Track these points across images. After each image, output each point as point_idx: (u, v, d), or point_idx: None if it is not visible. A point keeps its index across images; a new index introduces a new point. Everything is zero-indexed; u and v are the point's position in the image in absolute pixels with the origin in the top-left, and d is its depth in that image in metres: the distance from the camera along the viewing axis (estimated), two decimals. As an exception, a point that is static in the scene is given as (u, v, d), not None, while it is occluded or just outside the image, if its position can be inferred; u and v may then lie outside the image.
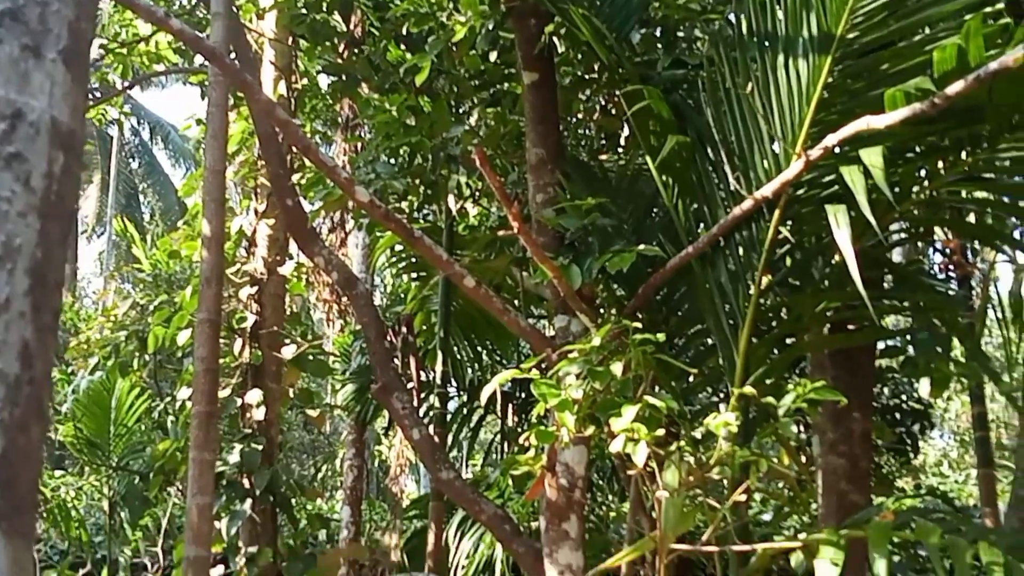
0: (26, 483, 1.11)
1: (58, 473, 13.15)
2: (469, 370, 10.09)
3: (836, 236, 4.49)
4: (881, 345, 6.49)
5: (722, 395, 6.60)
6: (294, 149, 7.72)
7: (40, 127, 1.14)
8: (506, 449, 9.78)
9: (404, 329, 9.11)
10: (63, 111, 1.19)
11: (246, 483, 8.32)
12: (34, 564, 10.70)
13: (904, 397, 9.29)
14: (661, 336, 4.77)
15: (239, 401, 8.53)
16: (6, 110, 1.16)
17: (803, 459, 6.41)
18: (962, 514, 11.44)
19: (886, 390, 9.15)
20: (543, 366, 5.41)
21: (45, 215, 1.13)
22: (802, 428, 7.60)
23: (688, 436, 4.95)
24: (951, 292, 7.19)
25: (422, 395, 9.27)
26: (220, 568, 8.30)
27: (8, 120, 1.14)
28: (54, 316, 1.08)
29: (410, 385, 8.71)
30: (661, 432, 4.53)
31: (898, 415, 9.28)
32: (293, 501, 8.96)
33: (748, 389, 4.67)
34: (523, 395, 9.90)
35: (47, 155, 1.14)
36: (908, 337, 6.43)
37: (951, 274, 7.65)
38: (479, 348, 9.98)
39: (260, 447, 8.37)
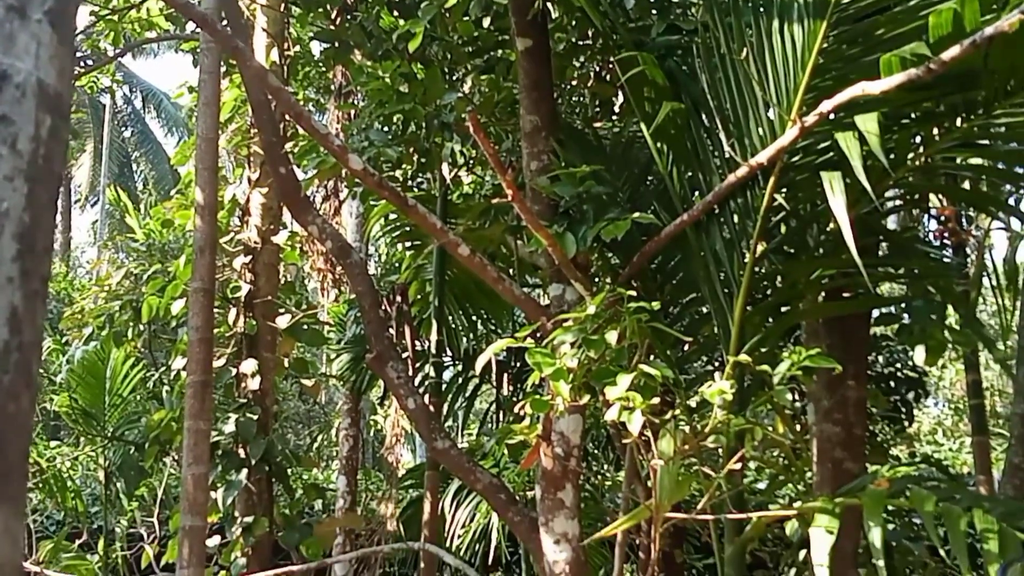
0: (16, 450, 1.10)
1: (53, 444, 13.12)
2: (464, 339, 10.06)
3: (831, 203, 4.47)
4: (876, 313, 6.47)
5: (717, 363, 6.60)
6: (287, 117, 7.66)
7: (26, 89, 1.12)
8: (501, 418, 9.77)
9: (399, 298, 9.08)
10: (50, 73, 1.17)
11: (241, 453, 8.30)
12: (29, 532, 10.70)
13: (899, 365, 9.27)
14: (656, 304, 4.74)
15: (234, 371, 8.50)
16: (-10, 71, 1.11)
17: (798, 427, 6.43)
18: (957, 482, 11.47)
19: (881, 358, 9.14)
20: (538, 335, 5.40)
21: (32, 179, 1.10)
22: (797, 396, 7.60)
23: (683, 404, 4.94)
24: (946, 259, 7.16)
25: (417, 365, 9.24)
26: (216, 537, 8.30)
27: (-6, 81, 1.10)
28: (43, 282, 1.06)
29: (405, 355, 8.70)
30: (656, 401, 4.51)
31: (893, 383, 9.26)
32: (289, 471, 8.96)
33: (743, 357, 4.66)
34: (518, 364, 9.88)
35: (34, 118, 1.12)
36: (903, 305, 6.43)
37: (946, 241, 7.60)
38: (474, 317, 9.94)
39: (255, 417, 8.35)
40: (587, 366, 4.74)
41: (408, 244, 9.47)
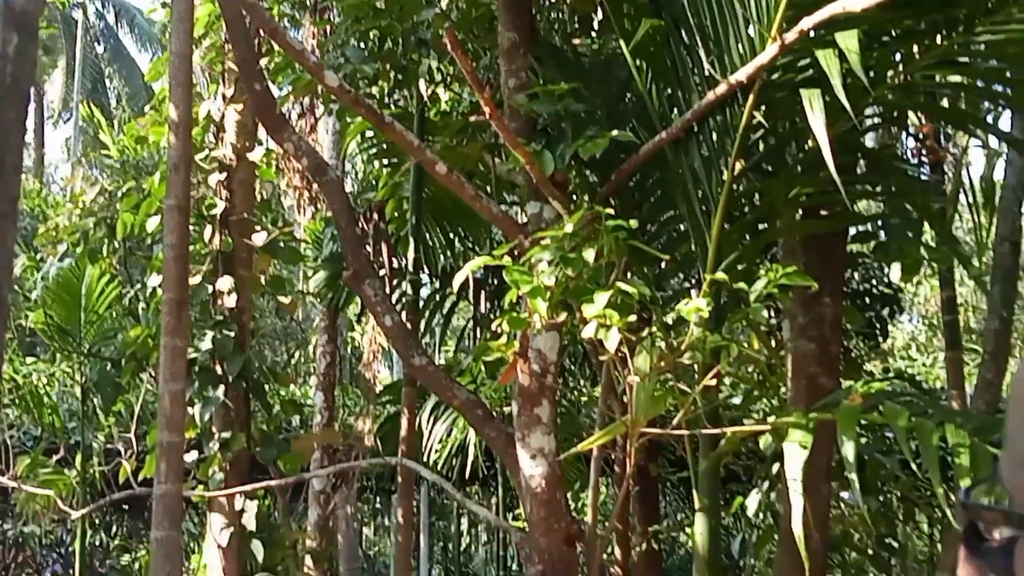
0: None
1: (29, 360, 13.08)
2: (441, 256, 10.01)
3: (810, 121, 4.46)
4: (853, 230, 6.49)
5: (694, 280, 6.59)
6: (262, 32, 7.55)
7: None
8: (478, 335, 9.77)
9: (375, 216, 8.99)
10: None
11: (219, 370, 8.30)
12: (5, 448, 10.73)
13: (874, 281, 9.32)
14: (634, 222, 4.73)
15: (210, 288, 8.46)
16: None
17: (773, 344, 6.47)
18: (930, 397, 11.58)
19: (856, 275, 9.18)
20: (515, 253, 5.38)
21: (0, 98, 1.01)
22: (772, 313, 7.63)
23: (660, 321, 4.95)
24: (924, 177, 7.17)
25: (394, 282, 9.21)
26: (194, 453, 8.32)
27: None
28: (12, 202, 1.04)
29: (382, 272, 8.66)
30: (633, 318, 4.53)
31: (868, 299, 9.31)
32: (266, 387, 8.98)
33: (720, 275, 4.67)
34: (495, 281, 9.80)
35: (0, 37, 1.04)
36: (880, 222, 6.44)
37: (924, 159, 7.61)
38: (451, 235, 9.85)
39: (232, 334, 8.33)
40: (564, 284, 4.74)
41: (385, 162, 9.35)
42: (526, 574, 5.71)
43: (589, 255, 4.66)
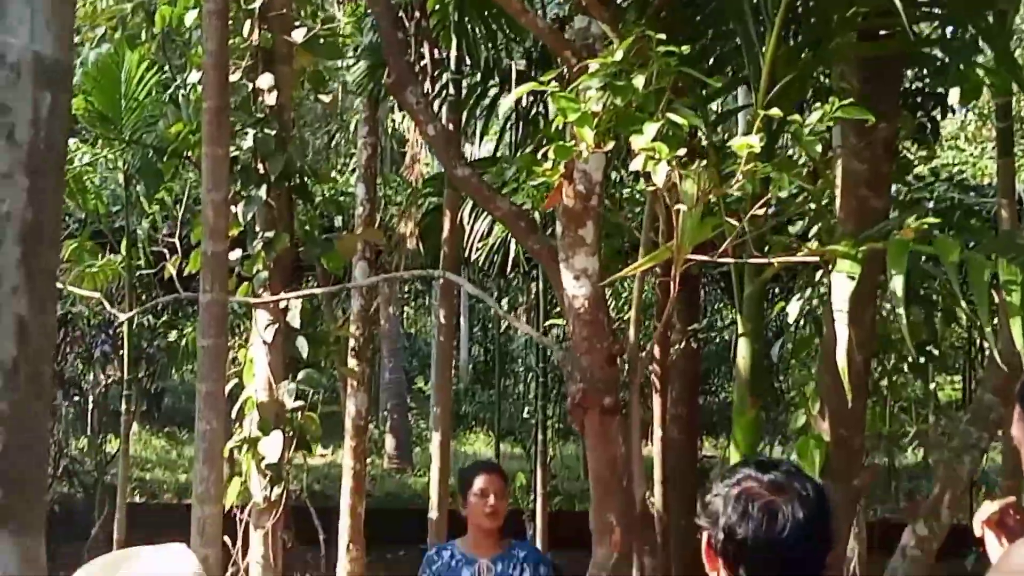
0: (32, 477, 1.10)
1: (71, 142, 13.22)
2: (483, 49, 9.97)
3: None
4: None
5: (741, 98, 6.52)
6: None
7: (21, 68, 1.04)
8: (521, 130, 9.80)
9: (417, 13, 8.95)
10: (47, 41, 1.08)
11: (260, 169, 8.39)
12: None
13: (927, 80, 9.23)
14: (686, 48, 4.66)
15: (250, 85, 8.47)
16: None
17: (826, 170, 6.47)
18: (976, 195, 11.55)
19: (910, 72, 9.06)
20: (565, 76, 5.35)
21: (34, 170, 1.05)
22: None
23: (709, 146, 4.94)
24: None
25: (435, 74, 9.24)
26: (237, 251, 8.48)
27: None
28: (51, 278, 1.01)
29: (425, 67, 8.69)
30: (683, 152, 4.51)
31: (919, 99, 9.21)
32: (309, 186, 9.11)
33: (774, 112, 4.61)
34: (538, 72, 9.87)
35: (32, 98, 1.05)
36: (940, 45, 6.37)
37: None
38: (494, 26, 9.81)
39: (273, 132, 8.38)
40: (613, 112, 4.73)
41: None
42: (567, 391, 5.85)
43: (639, 82, 4.59)
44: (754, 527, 2.77)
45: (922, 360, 8.93)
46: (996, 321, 5.12)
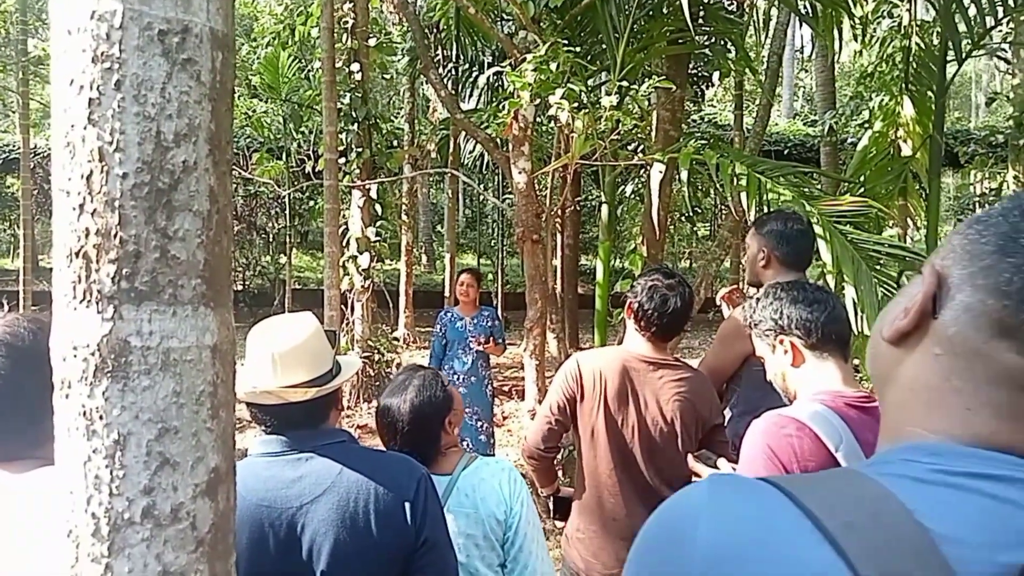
0: (223, 273, 1.45)
1: (255, 100, 19.95)
2: (469, 49, 14.51)
3: None
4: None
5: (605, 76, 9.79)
6: None
7: (203, 37, 1.40)
8: (490, 94, 14.15)
9: (435, 28, 14.53)
10: (218, 21, 1.52)
11: (353, 115, 12.69)
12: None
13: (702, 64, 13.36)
14: (578, 48, 7.89)
15: (346, 69, 12.59)
16: (177, 27, 1.49)
17: (648, 115, 9.66)
18: (724, 138, 16.14)
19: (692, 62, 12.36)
20: (512, 63, 8.55)
21: (213, 99, 1.50)
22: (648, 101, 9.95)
23: (589, 102, 8.01)
24: (733, 17, 9.90)
25: (445, 64, 14.26)
26: (343, 159, 12.64)
27: (180, 35, 1.47)
28: (227, 165, 1.53)
29: (439, 62, 13.08)
30: (576, 105, 7.52)
31: (697, 76, 13.70)
32: (378, 124, 13.72)
33: (623, 84, 7.89)
34: (499, 62, 13.98)
35: (211, 56, 1.48)
36: (708, 47, 9.54)
37: (740, 4, 10.38)
38: (475, 36, 14.20)
39: (359, 95, 12.68)
40: (539, 83, 7.33)
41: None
42: (515, 231, 8.88)
43: (552, 67, 7.44)
44: (655, 305, 3.87)
45: (692, 213, 15.04)
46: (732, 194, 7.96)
